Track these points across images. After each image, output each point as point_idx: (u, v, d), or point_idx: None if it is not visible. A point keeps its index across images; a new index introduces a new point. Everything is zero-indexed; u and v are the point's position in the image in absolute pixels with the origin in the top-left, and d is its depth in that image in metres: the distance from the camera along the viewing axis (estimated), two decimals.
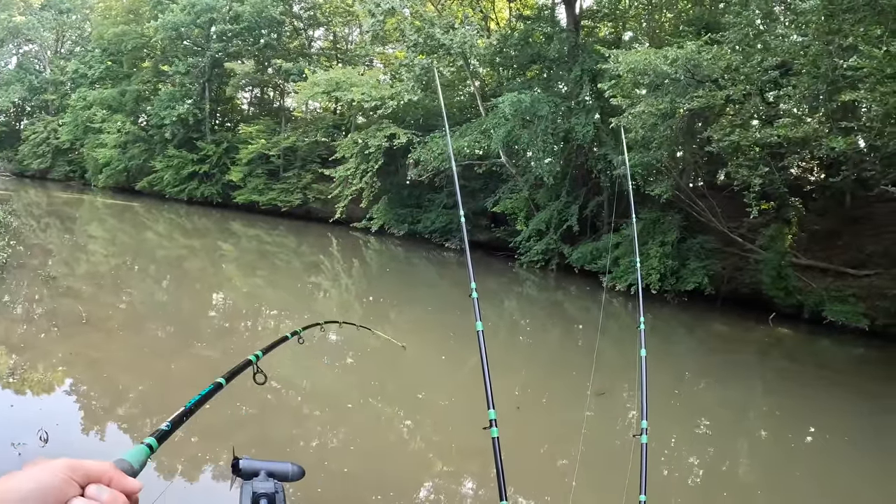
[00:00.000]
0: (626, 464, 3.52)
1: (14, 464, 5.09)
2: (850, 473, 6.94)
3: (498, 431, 2.66)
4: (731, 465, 7.06)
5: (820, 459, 7.43)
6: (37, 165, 46.46)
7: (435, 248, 24.57)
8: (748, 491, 6.37)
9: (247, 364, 1.90)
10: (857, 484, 6.70)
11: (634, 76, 14.62)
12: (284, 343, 2.65)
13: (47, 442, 5.63)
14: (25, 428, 5.86)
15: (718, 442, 7.81)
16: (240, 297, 14.64)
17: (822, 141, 12.39)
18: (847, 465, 7.13)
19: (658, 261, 15.72)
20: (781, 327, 14.12)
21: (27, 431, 5.75)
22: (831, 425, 8.46)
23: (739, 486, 6.47)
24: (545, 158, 19.30)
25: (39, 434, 5.69)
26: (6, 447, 5.46)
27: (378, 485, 5.78)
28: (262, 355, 2.01)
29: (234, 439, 6.32)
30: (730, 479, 6.68)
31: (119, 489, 0.81)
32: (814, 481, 6.76)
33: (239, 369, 1.85)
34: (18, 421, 6.22)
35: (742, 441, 7.86)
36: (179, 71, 34.44)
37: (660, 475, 6.13)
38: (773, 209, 15.44)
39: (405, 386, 9.07)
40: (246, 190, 32.64)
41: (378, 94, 24.21)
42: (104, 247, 19.97)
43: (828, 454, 7.56)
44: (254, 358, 1.96)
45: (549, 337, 13.44)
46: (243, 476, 1.89)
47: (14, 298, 11.20)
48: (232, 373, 1.80)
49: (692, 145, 16.43)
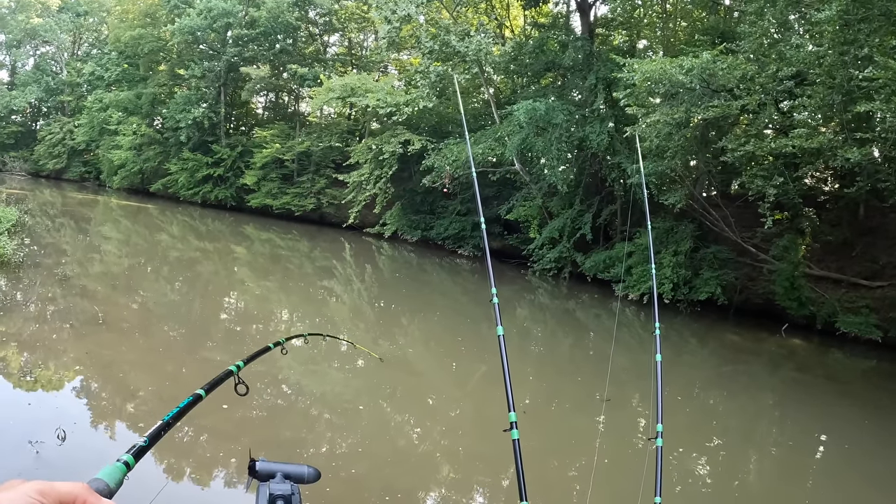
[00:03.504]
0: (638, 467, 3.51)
1: (32, 461, 5.16)
2: (861, 485, 6.88)
3: (518, 433, 2.67)
4: (740, 474, 7.02)
5: (831, 471, 7.38)
6: (52, 166, 46.86)
7: (447, 255, 24.59)
8: (758, 500, 6.34)
9: (227, 375, 1.86)
10: (867, 496, 6.65)
11: (649, 85, 14.61)
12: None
13: (65, 440, 5.68)
14: (43, 426, 5.91)
15: (728, 450, 7.77)
16: (252, 300, 14.70)
17: (836, 151, 12.32)
18: (858, 477, 7.07)
19: (671, 270, 15.67)
20: (794, 338, 14.04)
21: (45, 430, 5.80)
22: (842, 437, 8.40)
23: (749, 495, 6.44)
24: (559, 166, 19.31)
25: (57, 433, 5.74)
26: (24, 445, 5.50)
27: (387, 487, 5.78)
28: (242, 365, 1.98)
29: (243, 441, 6.36)
30: (739, 487, 6.64)
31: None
32: (824, 492, 6.72)
33: (219, 380, 1.82)
34: (36, 419, 6.28)
35: (752, 450, 7.82)
36: (195, 75, 34.73)
37: (669, 481, 6.11)
38: (786, 219, 15.37)
39: (416, 391, 9.09)
40: (260, 194, 32.82)
41: (393, 101, 24.29)
42: (118, 248, 20.10)
43: (839, 466, 7.50)
44: (234, 368, 1.92)
45: (560, 344, 13.41)
46: (259, 478, 1.91)
47: (29, 297, 11.29)
48: (212, 384, 1.77)
49: (706, 154, 16.38)
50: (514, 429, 2.69)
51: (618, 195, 19.11)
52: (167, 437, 4.88)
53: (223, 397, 7.22)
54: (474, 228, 24.34)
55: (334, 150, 30.82)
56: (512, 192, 22.74)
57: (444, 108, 26.36)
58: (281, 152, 32.26)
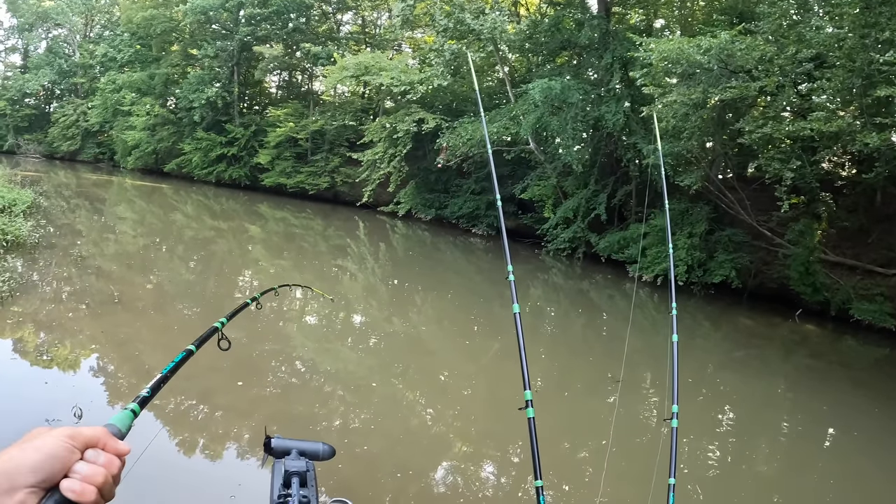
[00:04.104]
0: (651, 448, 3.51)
1: None
2: (872, 473, 6.85)
3: (534, 412, 2.66)
4: (749, 458, 7.00)
5: (841, 457, 7.33)
6: (66, 147, 47.03)
7: (461, 234, 24.58)
8: (768, 483, 6.34)
9: (213, 331, 1.97)
10: (877, 483, 6.62)
11: (666, 65, 14.45)
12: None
13: (81, 418, 5.74)
14: (59, 405, 5.98)
15: (738, 434, 7.76)
16: (266, 279, 14.76)
17: (855, 136, 12.11)
18: (868, 465, 7.03)
19: (686, 252, 15.57)
20: (807, 324, 13.93)
21: (61, 408, 5.87)
22: (853, 425, 8.33)
23: (757, 478, 6.43)
24: (574, 146, 19.18)
25: (74, 411, 5.80)
26: (41, 423, 5.53)
27: (399, 465, 5.82)
28: (226, 321, 2.08)
29: (258, 418, 6.41)
30: (748, 470, 6.63)
31: (112, 452, 0.91)
32: (834, 478, 6.69)
33: (206, 336, 1.92)
34: (52, 398, 6.36)
35: (763, 435, 7.79)
36: (208, 54, 34.70)
37: (679, 462, 6.11)
38: (802, 204, 15.19)
39: (429, 369, 9.13)
40: (274, 173, 32.87)
41: (407, 79, 24.17)
42: (133, 228, 20.21)
43: (847, 452, 7.46)
44: (219, 325, 2.02)
45: (573, 324, 13.40)
46: (275, 454, 1.92)
47: (45, 278, 11.39)
48: (200, 340, 1.87)
49: (723, 136, 16.20)
50: (529, 407, 2.69)
51: (633, 176, 18.97)
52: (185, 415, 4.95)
53: (238, 375, 7.28)
54: (488, 207, 24.28)
55: (348, 128, 30.77)
56: (526, 171, 22.63)
57: (459, 87, 26.19)
58: (295, 131, 32.25)
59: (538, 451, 2.59)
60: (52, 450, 0.83)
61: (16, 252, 12.27)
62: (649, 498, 3.81)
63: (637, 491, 4.25)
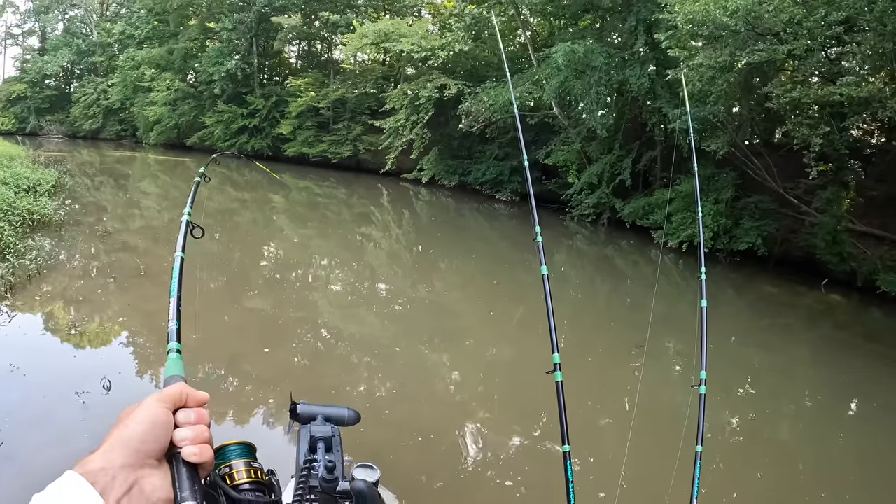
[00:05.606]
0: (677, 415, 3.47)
1: (79, 411, 5.31)
2: (892, 445, 6.76)
3: (562, 375, 2.64)
4: (772, 428, 6.95)
5: (862, 430, 7.22)
6: (88, 126, 47.22)
7: (485, 200, 24.52)
8: (789, 454, 6.30)
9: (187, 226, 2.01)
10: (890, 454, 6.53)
11: (692, 27, 14.13)
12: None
13: (110, 390, 5.84)
14: (88, 377, 6.09)
15: (760, 402, 7.70)
16: (291, 248, 14.85)
17: (886, 103, 11.74)
18: (890, 438, 6.93)
19: (711, 218, 15.38)
20: (833, 294, 13.71)
21: (90, 380, 5.98)
22: (877, 397, 8.21)
23: (780, 449, 6.39)
24: (598, 110, 18.94)
25: (103, 382, 5.90)
26: (71, 396, 5.68)
27: (422, 429, 5.86)
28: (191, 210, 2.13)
29: (284, 384, 6.47)
30: (770, 440, 6.59)
31: (195, 405, 0.95)
32: (855, 450, 6.59)
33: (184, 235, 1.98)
34: (82, 371, 6.48)
35: (785, 405, 7.74)
36: (226, 27, 34.65)
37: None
38: (830, 171, 14.87)
39: (452, 334, 9.15)
40: (296, 143, 32.95)
41: (427, 45, 23.98)
42: (157, 202, 20.39)
43: (871, 425, 7.35)
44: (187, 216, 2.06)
45: (598, 290, 13.35)
46: (301, 420, 1.92)
47: (72, 254, 11.54)
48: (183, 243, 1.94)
49: (750, 101, 15.86)
50: (557, 371, 2.67)
51: (658, 140, 18.69)
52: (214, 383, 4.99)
53: (265, 341, 7.36)
54: (512, 173, 24.16)
55: (369, 96, 30.67)
56: (550, 136, 22.41)
57: (480, 52, 25.91)
58: (316, 100, 32.19)
59: (566, 416, 2.58)
60: (153, 417, 0.87)
61: (42, 231, 12.40)
62: (675, 465, 3.79)
63: (663, 458, 4.23)
